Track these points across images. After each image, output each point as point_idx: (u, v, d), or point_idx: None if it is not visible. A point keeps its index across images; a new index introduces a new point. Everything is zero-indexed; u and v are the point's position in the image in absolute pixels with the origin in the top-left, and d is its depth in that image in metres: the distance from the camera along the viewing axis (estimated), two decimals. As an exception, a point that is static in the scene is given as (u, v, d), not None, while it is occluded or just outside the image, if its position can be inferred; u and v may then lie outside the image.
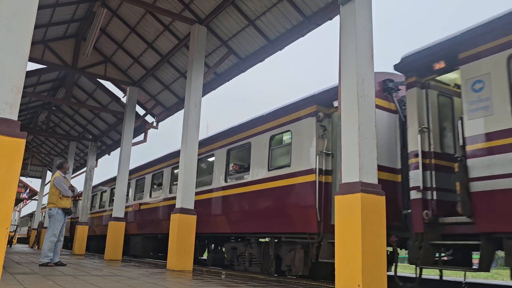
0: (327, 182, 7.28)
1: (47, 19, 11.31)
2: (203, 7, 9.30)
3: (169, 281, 5.42)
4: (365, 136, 5.00)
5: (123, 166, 12.67)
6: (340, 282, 4.70)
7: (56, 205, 7.82)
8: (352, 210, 4.72)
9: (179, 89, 12.69)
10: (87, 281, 4.87)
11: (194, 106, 8.76)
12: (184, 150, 8.59)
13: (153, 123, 14.60)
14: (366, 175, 4.89)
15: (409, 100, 6.03)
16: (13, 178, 3.77)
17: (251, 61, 9.88)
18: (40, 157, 25.56)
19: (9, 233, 8.76)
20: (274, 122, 8.55)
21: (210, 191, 10.34)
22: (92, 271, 6.62)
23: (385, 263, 4.75)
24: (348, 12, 5.43)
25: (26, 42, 4.11)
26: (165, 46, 11.43)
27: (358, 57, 5.19)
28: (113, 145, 18.14)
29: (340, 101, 5.39)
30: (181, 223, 8.09)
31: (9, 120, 3.86)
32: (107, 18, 11.60)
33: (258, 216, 8.56)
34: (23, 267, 6.86)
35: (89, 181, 16.93)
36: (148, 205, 13.87)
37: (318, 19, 7.96)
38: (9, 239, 18.76)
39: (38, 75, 13.55)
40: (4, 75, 3.93)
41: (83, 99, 16.34)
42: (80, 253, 14.86)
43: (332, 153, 7.37)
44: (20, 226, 42.25)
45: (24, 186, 36.50)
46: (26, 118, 19.26)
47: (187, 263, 7.99)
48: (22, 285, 4.19)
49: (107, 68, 13.46)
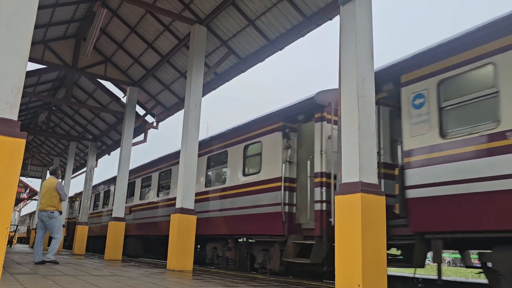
0: (292, 187, 8.15)
1: (47, 19, 11.31)
2: (203, 7, 9.30)
3: (169, 281, 5.42)
4: (365, 136, 5.00)
5: (123, 166, 12.67)
6: (340, 282, 4.70)
7: (57, 208, 8.42)
8: (352, 210, 4.72)
9: (179, 89, 12.69)
10: (87, 281, 4.87)
11: (194, 106, 8.76)
12: (184, 150, 8.59)
13: (153, 123, 14.61)
14: (366, 175, 4.89)
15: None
16: (13, 178, 3.77)
17: (251, 61, 9.88)
18: (40, 157, 25.56)
19: (9, 233, 8.85)
20: (248, 134, 9.49)
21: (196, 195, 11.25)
22: (92, 271, 6.62)
23: (385, 263, 4.75)
24: (348, 12, 5.43)
25: (26, 42, 4.11)
26: (165, 46, 11.43)
27: (358, 57, 5.19)
28: (113, 145, 18.14)
29: (340, 101, 5.39)
30: (181, 223, 8.09)
31: (9, 120, 3.86)
32: (107, 18, 11.60)
33: (234, 219, 9.42)
34: (23, 267, 6.86)
35: (89, 181, 16.93)
36: (138, 207, 14.84)
37: (318, 19, 7.96)
38: (9, 239, 18.76)
39: (38, 75, 13.55)
40: (4, 75, 3.93)
41: (83, 99, 16.34)
42: (80, 253, 14.86)
43: (296, 162, 8.34)
44: (19, 226, 42.22)
45: (24, 186, 36.49)
46: (26, 118, 19.26)
47: (187, 263, 8.00)
48: (22, 285, 4.19)
49: (107, 68, 13.46)
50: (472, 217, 5.00)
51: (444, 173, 5.38)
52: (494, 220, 4.78)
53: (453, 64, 5.60)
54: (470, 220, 5.03)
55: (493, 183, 4.82)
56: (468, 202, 5.06)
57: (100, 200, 20.11)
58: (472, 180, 5.04)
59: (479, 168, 4.98)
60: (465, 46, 5.48)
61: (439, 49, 5.81)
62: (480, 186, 4.94)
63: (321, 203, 7.44)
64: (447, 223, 5.29)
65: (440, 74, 5.75)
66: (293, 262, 7.81)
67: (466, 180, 5.11)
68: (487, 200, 4.86)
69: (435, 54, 5.85)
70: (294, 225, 7.99)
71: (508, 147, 4.76)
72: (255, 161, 9.16)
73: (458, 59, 5.54)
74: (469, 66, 5.39)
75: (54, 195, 8.38)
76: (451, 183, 5.28)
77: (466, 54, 5.44)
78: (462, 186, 5.14)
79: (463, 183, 5.13)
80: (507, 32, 5.07)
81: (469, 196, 5.05)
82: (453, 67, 5.59)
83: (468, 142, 5.19)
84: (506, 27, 5.10)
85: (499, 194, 4.76)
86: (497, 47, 5.15)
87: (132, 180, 15.61)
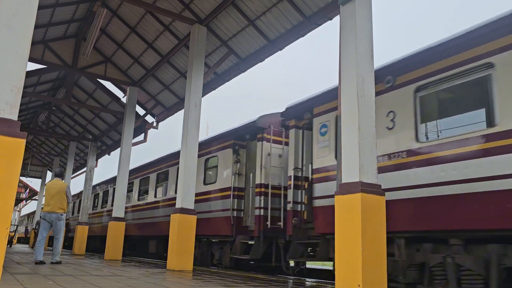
0: (240, 195, 9.78)
1: (47, 19, 11.31)
2: (203, 7, 9.30)
3: (169, 281, 5.42)
4: (365, 136, 4.99)
5: (123, 166, 12.67)
6: (340, 282, 4.70)
7: (65, 210, 8.75)
8: (352, 210, 4.71)
9: (179, 89, 12.69)
10: (87, 281, 4.87)
11: (194, 106, 8.76)
12: (184, 150, 8.59)
13: (153, 123, 14.60)
14: (366, 175, 4.88)
15: (291, 137, 8.35)
16: (13, 178, 3.77)
17: (251, 61, 9.88)
18: (40, 157, 25.56)
19: (9, 233, 8.90)
20: (208, 149, 11.20)
21: (162, 201, 13.27)
22: (92, 271, 6.62)
23: (385, 263, 4.75)
24: (348, 12, 5.42)
25: (26, 42, 4.11)
26: (165, 46, 11.42)
27: (358, 57, 5.18)
28: (113, 145, 18.13)
29: (340, 101, 5.39)
30: (181, 223, 8.08)
31: (9, 120, 3.86)
32: (107, 18, 11.60)
33: (197, 221, 11.37)
34: (23, 267, 6.86)
35: (89, 181, 16.93)
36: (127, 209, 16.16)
37: (318, 19, 7.96)
38: (9, 239, 18.77)
39: (38, 75, 13.54)
40: (4, 75, 3.93)
41: (83, 99, 16.34)
42: (80, 253, 14.86)
43: (244, 174, 9.95)
44: (19, 225, 42.21)
45: (24, 186, 36.48)
46: (26, 118, 19.26)
47: (187, 263, 7.99)
48: (22, 285, 4.19)
49: (107, 68, 13.45)
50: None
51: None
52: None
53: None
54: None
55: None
56: None
57: (98, 201, 20.32)
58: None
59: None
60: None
61: (336, 90, 6.93)
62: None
63: (259, 209, 8.97)
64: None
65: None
66: (238, 258, 9.46)
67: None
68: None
69: (335, 93, 6.98)
70: (242, 227, 9.60)
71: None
72: (213, 173, 10.80)
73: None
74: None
75: (64, 198, 8.64)
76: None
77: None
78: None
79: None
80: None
81: None
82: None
83: None
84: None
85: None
86: (375, 91, 6.18)
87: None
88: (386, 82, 6.41)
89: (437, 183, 5.40)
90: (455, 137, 5.33)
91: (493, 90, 5.07)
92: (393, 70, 6.34)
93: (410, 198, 5.68)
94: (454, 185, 5.21)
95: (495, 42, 5.13)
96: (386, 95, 6.37)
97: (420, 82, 5.92)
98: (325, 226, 6.97)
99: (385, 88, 6.42)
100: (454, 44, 5.55)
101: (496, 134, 4.93)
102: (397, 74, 6.29)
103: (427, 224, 5.46)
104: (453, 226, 5.18)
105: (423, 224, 5.50)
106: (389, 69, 6.40)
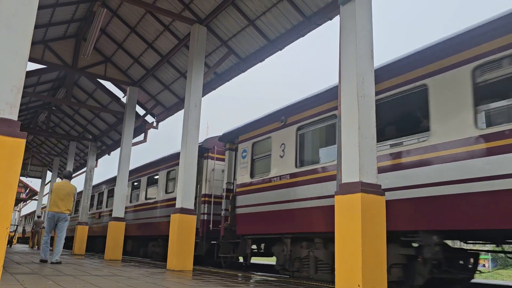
0: (205, 201, 11.33)
1: (47, 19, 11.31)
2: (203, 7, 9.30)
3: (169, 281, 5.42)
4: (365, 136, 4.99)
5: (123, 166, 12.68)
6: (340, 282, 4.70)
7: (70, 211, 9.11)
8: (352, 210, 4.71)
9: (179, 89, 12.69)
10: (87, 281, 4.87)
11: (194, 106, 8.76)
12: (184, 150, 8.59)
13: (153, 123, 14.60)
14: (366, 175, 4.88)
15: (226, 157, 10.50)
16: (13, 178, 3.77)
17: (251, 61, 9.88)
18: (40, 157, 25.56)
19: (9, 233, 8.96)
20: (170, 163, 13.13)
21: (140, 205, 14.89)
22: (92, 271, 6.62)
23: (385, 263, 4.75)
24: (348, 12, 5.42)
25: (26, 42, 4.11)
26: (165, 46, 11.42)
27: (358, 57, 5.18)
28: (113, 145, 18.13)
29: (340, 101, 5.39)
30: (181, 223, 8.08)
31: (9, 120, 3.86)
32: (107, 18, 11.59)
33: (160, 224, 12.85)
34: (23, 267, 6.86)
35: (89, 181, 16.92)
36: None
37: (318, 19, 7.96)
38: (9, 239, 18.77)
39: (38, 75, 13.54)
40: (4, 75, 3.93)
41: (83, 99, 16.33)
42: (80, 253, 14.86)
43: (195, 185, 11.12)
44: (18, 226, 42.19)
45: (24, 186, 36.48)
46: (26, 118, 19.26)
47: (187, 263, 7.99)
48: (22, 285, 4.19)
49: (107, 68, 13.45)
50: (263, 225, 8.38)
51: (251, 199, 8.87)
52: (273, 226, 8.10)
53: (259, 133, 9.08)
54: (264, 227, 8.36)
55: (272, 206, 8.23)
56: (261, 217, 8.46)
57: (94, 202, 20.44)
58: (263, 204, 8.47)
59: (267, 196, 8.40)
60: (263, 123, 8.98)
61: (255, 123, 9.21)
62: (268, 207, 8.30)
63: (203, 214, 11.08)
64: (252, 229, 8.73)
65: (253, 139, 9.25)
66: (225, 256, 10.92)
67: (260, 204, 8.53)
68: (269, 215, 8.26)
69: (252, 125, 9.31)
70: (208, 230, 11.27)
71: (273, 186, 8.29)
72: (173, 183, 12.76)
73: (261, 131, 9.03)
74: (265, 136, 8.86)
75: (71, 200, 9.08)
76: (253, 205, 8.75)
77: (264, 129, 8.95)
78: (259, 208, 8.54)
79: (259, 205, 8.55)
80: (275, 120, 8.69)
81: (262, 213, 8.45)
82: (258, 135, 9.09)
83: (264, 181, 8.58)
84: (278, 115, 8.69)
85: (275, 213, 8.13)
86: (274, 127, 8.64)
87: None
88: (281, 121, 8.45)
89: (297, 199, 7.67)
90: (316, 165, 7.45)
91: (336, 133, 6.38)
92: (286, 112, 8.39)
93: (289, 209, 7.81)
94: (305, 201, 7.46)
95: (337, 100, 6.51)
96: (281, 131, 8.44)
97: (300, 123, 7.96)
98: (243, 229, 9.01)
99: (280, 125, 8.50)
100: (322, 97, 7.52)
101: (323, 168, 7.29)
102: (288, 116, 8.32)
103: (280, 228, 7.92)
104: (293, 229, 7.60)
105: (277, 227, 8.01)
106: (284, 111, 8.45)
